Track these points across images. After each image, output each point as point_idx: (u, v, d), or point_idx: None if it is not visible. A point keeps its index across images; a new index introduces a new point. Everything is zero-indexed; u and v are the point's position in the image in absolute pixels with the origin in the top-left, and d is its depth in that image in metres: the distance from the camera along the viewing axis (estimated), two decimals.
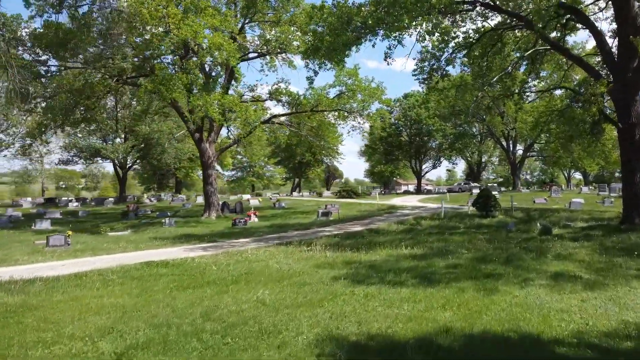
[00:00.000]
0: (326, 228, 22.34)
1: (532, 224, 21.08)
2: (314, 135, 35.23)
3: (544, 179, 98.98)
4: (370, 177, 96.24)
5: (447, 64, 25.26)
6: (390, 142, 61.75)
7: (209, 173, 30.22)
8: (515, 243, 15.39)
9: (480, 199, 25.51)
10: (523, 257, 12.45)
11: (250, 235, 19.59)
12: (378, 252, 13.77)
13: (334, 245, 15.33)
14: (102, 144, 44.17)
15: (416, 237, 17.63)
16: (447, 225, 22.27)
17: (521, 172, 68.81)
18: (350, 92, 30.47)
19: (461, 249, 14.28)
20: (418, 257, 12.64)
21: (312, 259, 12.72)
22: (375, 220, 25.93)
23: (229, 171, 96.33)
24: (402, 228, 21.39)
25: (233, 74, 30.89)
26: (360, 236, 18.12)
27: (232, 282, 9.62)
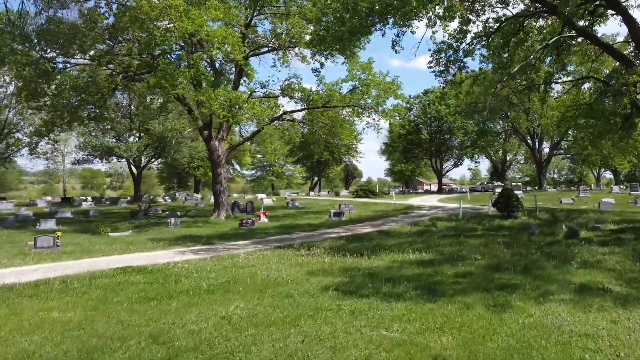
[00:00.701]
0: (335, 229, 21.15)
1: (557, 226, 19.49)
2: (328, 133, 34.00)
3: (571, 178, 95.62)
4: (391, 176, 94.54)
5: (466, 55, 23.80)
6: (409, 140, 59.95)
7: (218, 172, 29.34)
8: (537, 248, 13.95)
9: (501, 199, 23.93)
10: (544, 265, 11.05)
11: (252, 237, 18.55)
12: (382, 257, 12.53)
13: (337, 249, 14.15)
14: (115, 143, 43.83)
15: (428, 240, 16.31)
16: (464, 227, 20.84)
17: (548, 171, 66.27)
18: (364, 87, 29.15)
19: (475, 254, 12.93)
20: (425, 264, 11.36)
21: (307, 264, 11.56)
22: (388, 221, 24.61)
23: (249, 170, 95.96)
24: (415, 230, 20.06)
25: (243, 70, 29.94)
26: (368, 239, 16.88)
27: (206, 292, 8.54)
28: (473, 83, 24.20)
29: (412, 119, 60.69)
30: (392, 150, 66.93)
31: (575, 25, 19.60)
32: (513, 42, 23.89)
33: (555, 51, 24.57)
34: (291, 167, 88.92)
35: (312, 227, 22.52)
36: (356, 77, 28.62)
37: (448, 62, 23.73)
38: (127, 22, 21.65)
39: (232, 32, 21.86)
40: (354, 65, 28.41)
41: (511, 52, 23.81)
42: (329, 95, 28.32)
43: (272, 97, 32.26)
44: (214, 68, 30.44)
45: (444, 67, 23.96)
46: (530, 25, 23.87)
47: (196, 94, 22.13)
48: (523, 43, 24.17)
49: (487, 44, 23.50)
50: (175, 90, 21.33)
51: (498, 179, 67.64)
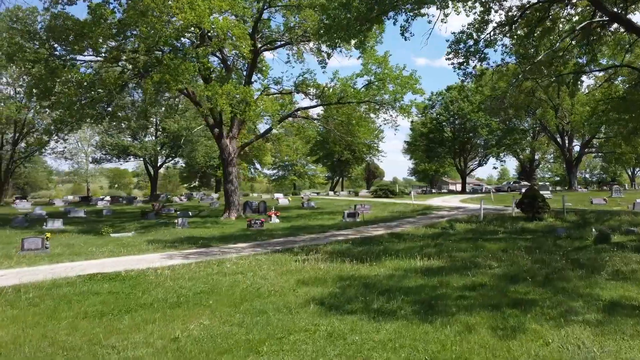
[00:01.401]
0: (345, 231, 19.98)
1: (586, 230, 17.89)
2: (344, 131, 32.81)
3: (604, 178, 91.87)
4: (415, 176, 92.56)
5: (487, 46, 22.31)
6: (432, 138, 58.01)
7: (229, 171, 28.48)
8: (562, 254, 12.52)
9: (526, 199, 22.33)
10: (568, 275, 9.67)
11: (255, 239, 17.52)
12: (386, 264, 11.32)
13: (339, 254, 12.99)
14: (130, 142, 43.56)
15: (442, 244, 14.97)
16: (484, 229, 19.38)
17: (578, 171, 63.45)
18: (380, 82, 27.87)
19: (491, 261, 11.60)
20: (431, 272, 10.10)
21: (301, 271, 10.45)
22: (404, 222, 23.29)
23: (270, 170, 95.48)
24: (431, 232, 18.71)
25: (255, 66, 29.04)
26: (377, 242, 15.65)
27: (172, 305, 7.51)
28: (493, 74, 22.58)
29: (435, 117, 58.75)
30: (415, 149, 65.15)
31: (607, 9, 17.90)
32: (539, 32, 22.31)
33: (584, 40, 22.80)
34: (313, 167, 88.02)
35: (322, 229, 21.39)
36: (371, 72, 27.36)
37: (468, 54, 22.31)
38: (133, 16, 20.99)
39: (237, 23, 20.90)
40: (369, 59, 27.16)
41: (537, 42, 22.22)
42: (343, 91, 27.13)
43: (285, 94, 31.30)
44: (225, 64, 29.63)
45: (463, 58, 22.51)
46: (557, 13, 22.24)
47: (202, 89, 21.24)
48: (550, 33, 22.56)
49: (510, 34, 21.99)
50: (178, 85, 20.50)
51: (526, 178, 65.15)
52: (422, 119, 59.81)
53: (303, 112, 32.20)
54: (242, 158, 76.09)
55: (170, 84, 20.13)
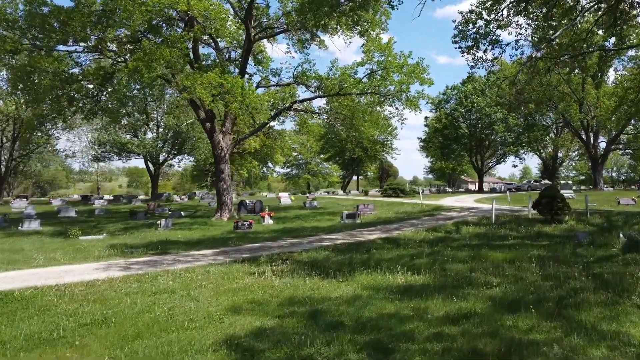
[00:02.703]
0: (336, 235, 17.86)
1: (612, 234, 15.38)
2: (348, 125, 30.59)
3: (632, 177, 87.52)
4: (433, 175, 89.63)
5: (499, 27, 19.89)
6: (446, 134, 55.09)
7: (221, 168, 26.58)
8: (582, 267, 10.19)
9: (544, 199, 19.81)
10: (588, 300, 7.40)
11: (226, 245, 15.52)
12: (359, 280, 9.19)
13: (310, 265, 10.89)
14: (128, 139, 41.97)
15: (439, 252, 12.73)
16: (494, 234, 17.02)
17: (604, 169, 59.85)
18: (384, 72, 25.58)
19: (492, 276, 9.38)
20: (410, 293, 7.95)
21: (246, 290, 8.42)
22: (406, 224, 21.03)
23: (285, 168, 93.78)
24: (431, 237, 16.43)
25: (249, 54, 27.08)
26: (364, 249, 13.48)
27: (33, 345, 5.53)
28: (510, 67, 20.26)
29: (449, 112, 55.75)
30: (430, 147, 62.33)
31: None
32: (558, 14, 19.83)
33: (611, 21, 20.18)
34: (327, 165, 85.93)
35: (314, 232, 19.30)
36: (373, 60, 25.10)
37: (477, 36, 19.95)
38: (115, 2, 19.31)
39: (218, 4, 18.93)
40: (371, 45, 24.91)
41: (557, 21, 19.74)
42: (343, 80, 24.94)
43: (284, 86, 29.28)
44: (219, 53, 27.77)
45: (472, 41, 20.17)
46: None
47: (181, 78, 19.36)
48: (571, 12, 20.01)
49: (526, 13, 19.55)
50: (151, 73, 18.60)
51: (549, 177, 61.89)
52: (437, 115, 57.01)
53: (306, 105, 30.14)
54: (254, 156, 74.60)
55: (144, 71, 18.22)
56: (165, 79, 24.63)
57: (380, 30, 27.08)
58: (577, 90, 45.32)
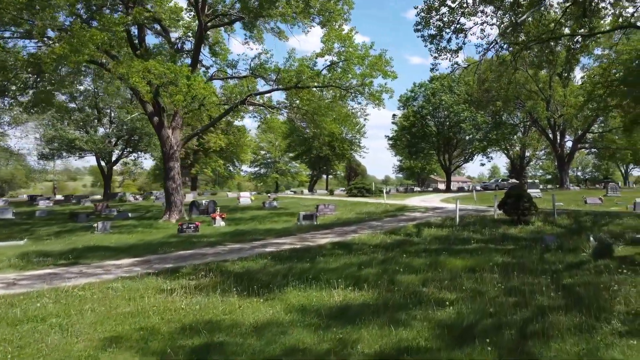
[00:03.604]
0: (286, 239, 16.23)
1: (581, 237, 14.25)
2: (309, 121, 29.02)
3: (596, 176, 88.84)
4: (402, 174, 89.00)
5: (464, 15, 18.60)
6: (414, 132, 54.03)
7: (170, 166, 24.58)
8: (550, 276, 8.93)
9: (509, 199, 18.63)
10: (559, 325, 5.99)
11: (157, 252, 13.68)
12: (288, 297, 7.62)
13: (238, 277, 9.25)
14: (76, 135, 39.16)
15: (393, 259, 11.27)
16: (457, 236, 15.69)
17: (570, 168, 59.95)
18: (345, 64, 24.07)
19: (447, 291, 7.93)
20: (342, 318, 6.40)
21: (141, 314, 6.74)
22: (366, 226, 19.57)
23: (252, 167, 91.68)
24: (389, 241, 14.98)
25: (201, 43, 25.17)
26: (309, 257, 11.89)
27: None
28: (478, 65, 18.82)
29: (417, 110, 54.62)
30: (398, 145, 61.21)
31: None
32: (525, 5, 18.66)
33: (580, 12, 19.13)
34: (296, 164, 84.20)
35: (264, 235, 17.64)
36: (333, 50, 23.54)
37: (441, 24, 18.63)
38: None
39: None
40: (331, 35, 23.36)
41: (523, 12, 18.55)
42: (300, 72, 23.31)
43: (240, 78, 27.53)
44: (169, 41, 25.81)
45: (435, 30, 18.85)
46: None
47: (113, 64, 17.39)
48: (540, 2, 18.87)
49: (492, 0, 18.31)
50: (79, 58, 16.55)
51: (516, 176, 61.70)
52: (405, 112, 55.91)
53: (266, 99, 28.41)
54: (220, 155, 72.33)
55: (70, 56, 16.16)
56: (102, 66, 22.52)
57: (343, 22, 25.60)
58: (545, 89, 44.90)
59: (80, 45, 16.22)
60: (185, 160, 69.02)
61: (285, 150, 69.71)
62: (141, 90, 17.75)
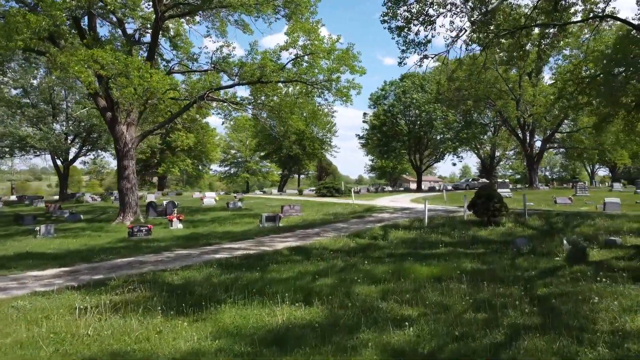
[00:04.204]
0: (243, 243, 15.05)
1: (554, 240, 13.54)
2: (275, 117, 27.80)
3: (564, 176, 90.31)
4: (374, 173, 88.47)
5: (432, 5, 17.70)
6: (385, 131, 53.27)
7: (124, 164, 23.02)
8: (524, 287, 7.99)
9: (479, 199, 17.88)
10: (535, 351, 5.01)
11: (93, 260, 12.26)
12: (223, 317, 6.47)
13: (173, 291, 8.05)
14: (28, 132, 36.75)
15: (354, 267, 10.24)
16: (425, 239, 14.80)
17: (539, 168, 60.29)
18: (311, 57, 22.96)
19: (409, 306, 6.92)
20: (278, 345, 5.29)
21: (31, 345, 5.49)
22: (330, 228, 18.53)
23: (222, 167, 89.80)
24: (353, 245, 13.98)
25: (157, 34, 23.69)
26: (262, 264, 10.75)
27: None
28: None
29: (387, 108, 53.83)
30: (369, 145, 60.41)
31: None
32: None
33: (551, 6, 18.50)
34: (268, 164, 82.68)
35: (222, 238, 16.41)
36: (297, 43, 22.40)
37: (409, 15, 17.71)
38: None
39: None
40: (296, 26, 22.22)
41: None
42: (263, 66, 22.09)
43: (200, 72, 26.15)
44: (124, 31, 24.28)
45: (403, 21, 17.92)
46: None
47: (54, 51, 15.83)
48: None
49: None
50: (13, 44, 14.95)
51: (487, 176, 61.78)
52: (375, 111, 55.14)
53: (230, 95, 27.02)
54: (187, 153, 70.27)
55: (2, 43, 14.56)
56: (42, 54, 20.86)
57: (310, 15, 24.51)
58: (515, 88, 44.77)
59: (13, 32, 14.64)
60: (151, 160, 66.97)
61: (254, 149, 68.08)
62: (83, 80, 16.24)
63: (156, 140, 45.80)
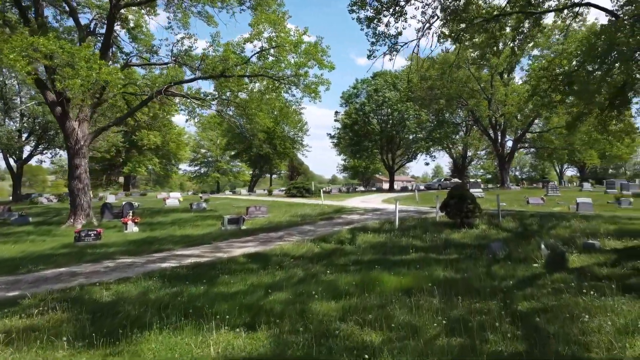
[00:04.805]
0: (193, 249, 13.77)
1: (530, 243, 12.75)
2: (241, 114, 26.49)
3: (533, 176, 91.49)
4: (347, 173, 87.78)
5: None
6: (357, 130, 52.35)
7: (76, 163, 21.39)
8: (503, 301, 7.06)
9: (452, 200, 17.04)
10: None
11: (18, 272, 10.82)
12: (144, 349, 5.25)
13: (96, 311, 6.78)
14: None
15: (314, 278, 9.17)
16: (396, 243, 13.82)
17: (510, 168, 60.56)
18: (277, 51, 21.77)
19: (372, 329, 5.86)
20: None
21: None
22: (295, 231, 17.40)
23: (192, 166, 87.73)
24: (317, 251, 12.90)
25: (114, 22, 22.15)
26: (211, 275, 9.58)
27: None
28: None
29: (359, 107, 52.88)
30: (341, 144, 59.40)
31: None
32: None
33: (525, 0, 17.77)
34: (239, 163, 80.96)
35: (175, 244, 15.08)
36: (262, 34, 21.19)
37: (379, 5, 16.69)
38: None
39: None
40: (261, 17, 20.99)
41: None
42: (226, 58, 20.80)
43: (161, 65, 24.67)
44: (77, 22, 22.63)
45: (373, 11, 16.89)
46: None
47: None
48: None
49: None
50: None
51: (459, 175, 61.68)
52: (347, 110, 54.20)
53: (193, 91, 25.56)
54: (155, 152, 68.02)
55: None
56: None
57: (277, 7, 23.35)
58: (487, 88, 44.54)
59: None
60: (116, 159, 64.59)
61: (224, 148, 66.28)
62: (19, 69, 14.71)
63: (118, 138, 43.80)
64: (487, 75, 44.75)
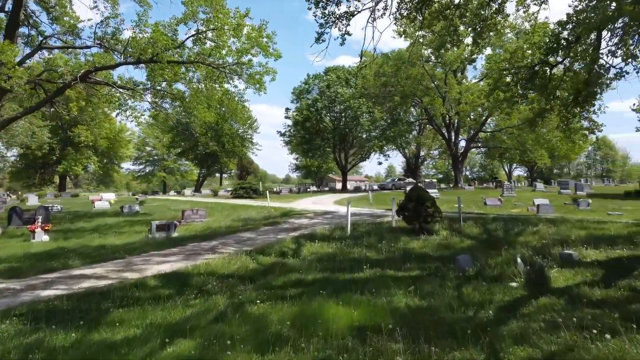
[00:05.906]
0: (98, 268, 11.20)
1: (501, 253, 11.02)
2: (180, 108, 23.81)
3: (483, 176, 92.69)
4: (299, 172, 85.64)
5: None
6: (308, 128, 50.22)
7: None
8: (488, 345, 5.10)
9: (410, 203, 15.20)
10: None
11: None
12: None
13: None
14: None
15: (240, 309, 6.98)
16: (347, 255, 11.77)
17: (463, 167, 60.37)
18: (215, 34, 19.30)
19: None
20: None
21: None
22: (233, 239, 15.08)
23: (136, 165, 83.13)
24: (252, 266, 10.66)
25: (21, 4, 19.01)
26: (97, 311, 7.17)
27: None
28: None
29: (311, 103, 50.74)
30: (292, 142, 57.09)
31: None
32: None
33: None
34: (187, 162, 77.19)
35: (84, 257, 12.43)
36: (197, 16, 18.67)
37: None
38: None
39: None
40: None
41: None
42: (154, 40, 18.12)
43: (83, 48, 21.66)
44: None
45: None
46: None
47: None
48: None
49: None
50: None
51: (412, 175, 60.89)
52: (298, 106, 52.01)
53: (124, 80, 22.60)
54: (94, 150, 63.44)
55: None
56: None
57: None
58: (441, 86, 43.59)
59: None
60: (49, 156, 59.73)
61: (168, 146, 62.54)
62: None
63: (43, 133, 39.75)
64: (441, 73, 43.86)
